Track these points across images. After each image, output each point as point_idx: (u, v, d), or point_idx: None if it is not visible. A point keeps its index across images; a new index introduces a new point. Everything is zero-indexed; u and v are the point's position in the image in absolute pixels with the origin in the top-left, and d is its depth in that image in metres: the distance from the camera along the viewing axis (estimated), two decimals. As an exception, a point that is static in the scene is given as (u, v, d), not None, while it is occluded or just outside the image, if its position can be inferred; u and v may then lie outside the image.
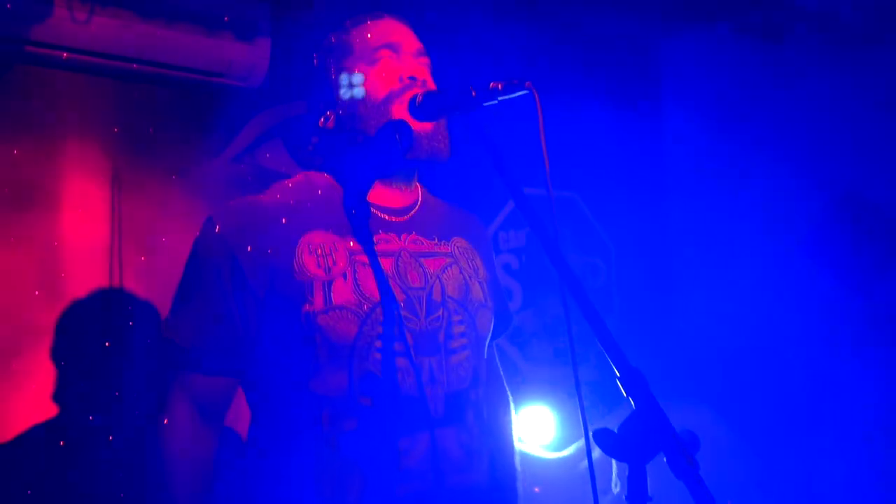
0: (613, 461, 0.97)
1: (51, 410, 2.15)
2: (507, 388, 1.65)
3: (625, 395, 0.99)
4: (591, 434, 1.05)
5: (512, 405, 1.64)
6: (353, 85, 1.41)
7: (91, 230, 2.25)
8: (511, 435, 1.61)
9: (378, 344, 1.31)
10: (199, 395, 1.36)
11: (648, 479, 0.93)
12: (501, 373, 1.63)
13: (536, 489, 2.53)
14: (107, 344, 2.21)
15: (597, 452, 1.05)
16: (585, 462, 1.23)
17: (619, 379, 1.00)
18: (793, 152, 3.46)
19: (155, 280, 2.28)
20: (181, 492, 1.35)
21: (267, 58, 2.37)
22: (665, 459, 0.92)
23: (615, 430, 0.96)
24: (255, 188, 2.48)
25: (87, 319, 2.22)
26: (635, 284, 3.49)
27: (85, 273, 2.22)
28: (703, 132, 3.65)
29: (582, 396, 1.20)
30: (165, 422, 1.35)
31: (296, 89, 2.51)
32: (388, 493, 1.29)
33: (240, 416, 1.49)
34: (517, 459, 1.60)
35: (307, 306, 1.30)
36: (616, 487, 1.08)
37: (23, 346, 2.13)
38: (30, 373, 2.14)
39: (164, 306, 2.23)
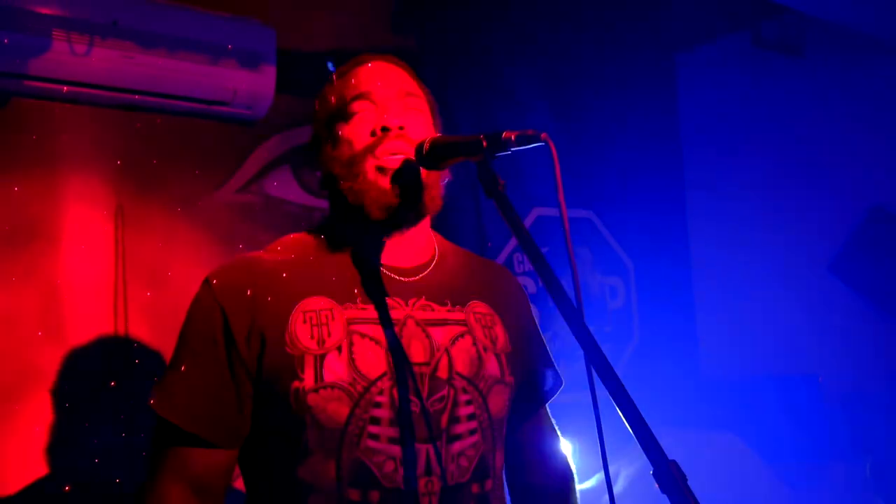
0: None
1: (55, 453, 2.08)
2: (570, 460, 1.48)
3: (659, 489, 0.89)
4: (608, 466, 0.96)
5: (575, 481, 1.46)
6: (332, 145, 1.33)
7: (94, 266, 2.19)
8: None
9: (371, 429, 1.19)
10: (194, 472, 1.23)
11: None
12: (559, 441, 1.46)
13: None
14: (112, 384, 2.14)
15: (618, 486, 0.96)
16: (606, 497, 1.15)
17: (654, 474, 0.91)
18: (814, 166, 3.39)
19: (161, 316, 2.22)
20: None
21: (272, 85, 2.31)
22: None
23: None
24: (262, 222, 2.44)
25: (92, 359, 2.15)
26: (655, 304, 3.40)
27: (88, 311, 2.16)
28: (722, 147, 3.59)
29: (601, 429, 1.09)
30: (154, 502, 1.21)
31: (302, 116, 2.46)
32: None
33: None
34: None
35: (297, 383, 1.19)
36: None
37: (26, 388, 2.07)
38: (33, 415, 2.07)
39: (170, 344, 2.17)
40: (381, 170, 1.29)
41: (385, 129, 1.29)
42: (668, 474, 0.91)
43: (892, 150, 3.21)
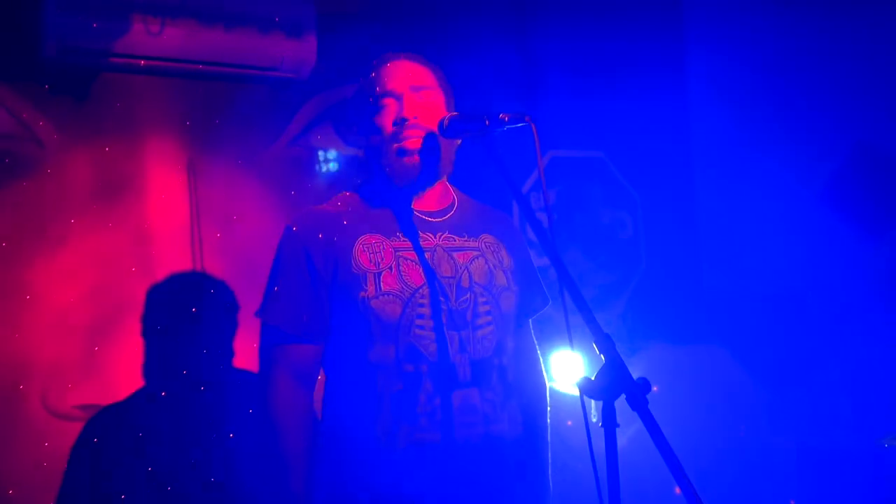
0: (592, 401, 1.28)
1: (149, 369, 2.53)
2: (541, 357, 1.93)
3: (598, 352, 1.28)
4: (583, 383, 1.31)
5: (545, 377, 1.91)
6: (369, 125, 1.75)
7: (173, 212, 2.60)
8: (541, 403, 1.88)
9: (418, 322, 1.64)
10: (294, 363, 1.68)
11: (616, 413, 1.24)
12: (537, 348, 1.92)
13: (569, 423, 2.86)
14: (193, 310, 2.57)
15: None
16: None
17: (595, 342, 1.29)
18: (815, 106, 3.55)
19: (230, 253, 2.63)
20: (292, 445, 1.65)
21: (314, 51, 2.66)
22: (625, 398, 1.23)
23: (592, 378, 1.26)
24: (310, 172, 2.81)
25: (175, 291, 2.58)
26: (660, 236, 3.68)
27: (171, 250, 2.58)
28: (729, 86, 3.78)
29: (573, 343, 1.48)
30: (271, 389, 1.66)
31: (340, 77, 2.82)
32: (427, 441, 1.62)
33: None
34: (547, 424, 1.88)
35: (362, 293, 1.64)
36: (594, 418, 1.36)
37: (124, 316, 2.51)
38: (130, 338, 2.51)
39: (239, 276, 2.60)
40: (402, 151, 1.71)
41: (403, 120, 1.71)
42: (604, 342, 1.27)
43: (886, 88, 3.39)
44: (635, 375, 1.27)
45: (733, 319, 3.43)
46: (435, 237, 1.74)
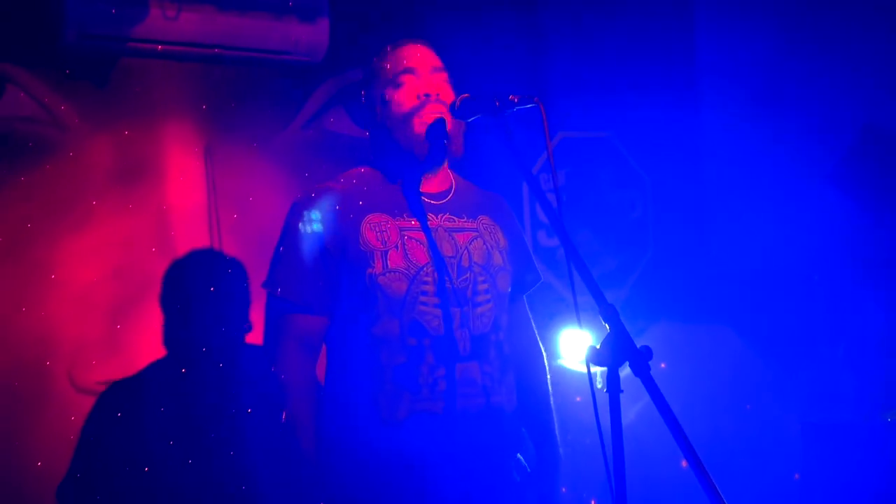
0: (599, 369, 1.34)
1: (171, 346, 2.61)
2: (538, 335, 2.00)
3: (603, 322, 1.34)
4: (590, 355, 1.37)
5: (542, 349, 1.99)
6: (385, 104, 1.79)
7: (191, 194, 2.67)
8: (540, 372, 1.96)
9: (422, 298, 1.71)
10: (300, 333, 1.75)
11: (620, 380, 1.30)
12: (532, 323, 2.00)
13: (578, 398, 2.93)
14: (211, 289, 2.64)
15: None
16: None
17: (599, 311, 1.35)
18: (826, 88, 3.57)
19: (246, 233, 2.70)
20: (301, 410, 1.73)
21: (326, 35, 2.72)
22: (629, 365, 1.29)
23: (597, 347, 1.32)
24: (323, 154, 2.87)
25: (194, 270, 2.65)
26: (669, 216, 3.73)
27: (189, 231, 2.65)
28: (739, 66, 3.80)
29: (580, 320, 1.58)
30: (280, 358, 1.74)
31: (352, 60, 2.87)
32: (429, 411, 1.70)
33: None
34: (549, 391, 1.96)
35: (370, 270, 1.71)
36: (600, 384, 1.42)
37: (145, 294, 2.58)
38: (151, 315, 2.59)
39: (255, 256, 2.67)
40: (425, 125, 1.76)
41: (427, 95, 1.77)
42: (608, 311, 1.33)
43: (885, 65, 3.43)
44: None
45: (739, 300, 3.48)
46: (437, 218, 1.80)
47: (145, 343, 2.58)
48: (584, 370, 1.41)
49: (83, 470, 2.46)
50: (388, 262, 1.72)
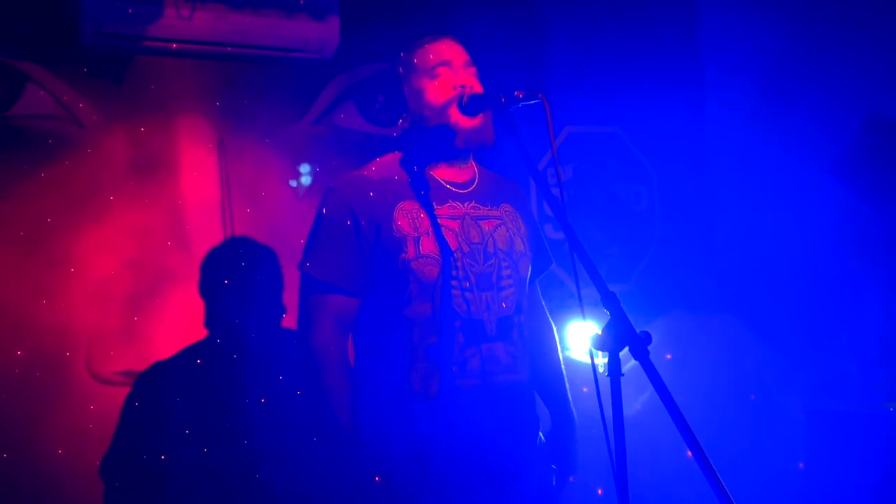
0: (600, 354, 1.40)
1: (189, 336, 2.67)
2: (548, 313, 2.10)
3: (604, 309, 1.41)
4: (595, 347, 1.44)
5: (553, 326, 2.10)
6: (419, 95, 1.85)
7: (205, 188, 2.74)
8: (553, 347, 2.08)
9: (453, 283, 1.80)
10: (333, 312, 1.82)
11: (620, 365, 1.37)
12: (543, 303, 2.10)
13: (585, 389, 2.97)
14: (226, 282, 2.71)
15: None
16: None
17: (601, 299, 1.42)
18: (830, 80, 3.60)
19: (259, 226, 2.76)
20: (336, 379, 1.80)
21: (337, 32, 2.77)
22: (628, 349, 1.35)
23: (599, 333, 1.39)
24: (334, 148, 2.92)
25: (208, 262, 2.71)
26: (675, 208, 3.77)
27: (203, 224, 2.72)
28: (744, 57, 3.83)
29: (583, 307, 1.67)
30: (314, 332, 1.81)
31: (362, 57, 2.93)
32: (458, 386, 1.79)
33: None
34: (562, 363, 2.08)
35: (403, 255, 1.79)
36: (602, 369, 1.48)
37: (162, 286, 2.65)
38: (168, 306, 2.66)
39: (268, 248, 2.72)
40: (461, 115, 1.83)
41: (463, 87, 1.84)
42: (609, 299, 1.39)
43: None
44: (651, 340, 1.37)
45: (745, 289, 3.52)
46: (464, 206, 1.88)
47: (161, 334, 2.65)
48: (599, 364, 1.46)
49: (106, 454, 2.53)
50: (421, 247, 1.80)
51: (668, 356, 3.28)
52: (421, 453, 1.78)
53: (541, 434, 2.01)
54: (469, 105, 1.79)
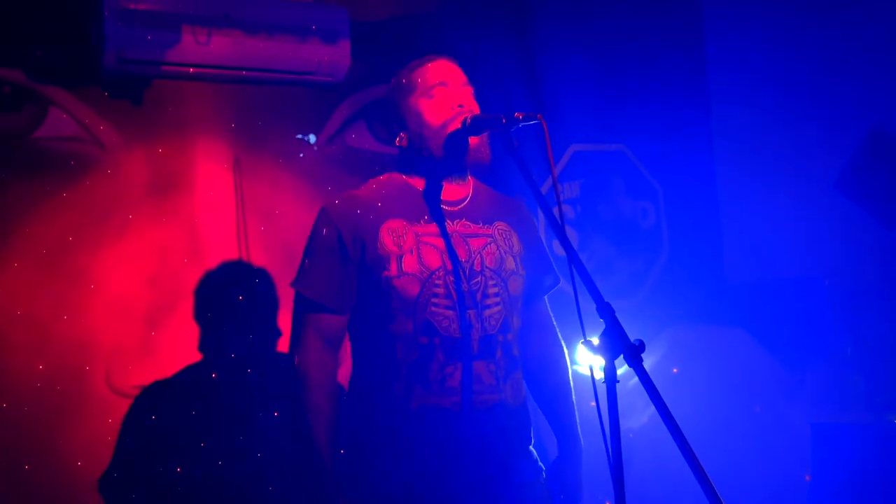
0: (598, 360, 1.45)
1: (204, 349, 2.75)
2: (558, 331, 2.11)
3: (600, 318, 1.46)
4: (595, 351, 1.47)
5: (563, 346, 2.10)
6: (418, 115, 1.91)
7: (221, 207, 2.82)
8: (559, 369, 2.07)
9: (433, 300, 1.83)
10: (323, 329, 1.88)
11: (617, 375, 1.42)
12: (554, 323, 2.11)
13: (592, 403, 3.02)
14: (240, 298, 2.79)
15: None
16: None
17: (596, 308, 1.47)
18: (837, 90, 3.63)
19: (273, 245, 2.85)
20: (316, 398, 1.85)
21: (348, 55, 2.85)
22: (623, 356, 1.41)
23: (595, 341, 1.44)
24: (346, 168, 3.01)
25: (224, 280, 2.80)
26: (681, 223, 3.82)
27: (219, 242, 2.80)
28: (750, 72, 3.85)
29: (585, 331, 1.63)
30: (301, 350, 1.87)
31: (372, 78, 3.01)
32: (438, 405, 1.82)
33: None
34: (570, 386, 2.08)
35: (385, 272, 1.83)
36: (598, 374, 1.52)
37: (178, 302, 2.73)
38: (184, 322, 2.73)
39: (282, 265, 2.81)
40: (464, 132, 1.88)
41: (461, 106, 1.89)
42: (605, 309, 1.44)
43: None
44: (658, 354, 1.43)
45: (750, 303, 3.56)
46: (453, 224, 1.91)
47: (178, 349, 2.73)
48: (599, 376, 1.50)
49: (122, 466, 2.60)
50: (403, 265, 1.83)
51: (675, 370, 3.32)
52: (400, 469, 1.82)
53: (541, 464, 1.99)
54: (472, 127, 1.84)
